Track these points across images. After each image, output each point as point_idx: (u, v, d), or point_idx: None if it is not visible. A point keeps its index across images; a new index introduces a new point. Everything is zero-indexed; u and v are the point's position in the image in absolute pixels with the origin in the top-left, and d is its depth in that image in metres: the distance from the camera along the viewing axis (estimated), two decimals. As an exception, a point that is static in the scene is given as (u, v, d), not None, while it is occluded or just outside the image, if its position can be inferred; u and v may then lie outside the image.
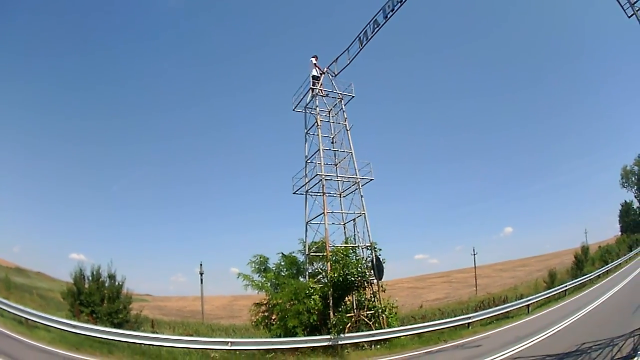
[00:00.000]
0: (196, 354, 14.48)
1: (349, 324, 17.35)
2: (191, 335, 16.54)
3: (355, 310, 18.37)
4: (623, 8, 13.71)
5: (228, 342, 14.96)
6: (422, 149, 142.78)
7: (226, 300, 51.73)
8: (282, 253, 21.26)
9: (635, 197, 67.20)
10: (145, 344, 14.17)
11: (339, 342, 16.21)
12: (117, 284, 20.31)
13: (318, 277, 19.57)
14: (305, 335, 16.60)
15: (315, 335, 16.65)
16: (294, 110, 22.80)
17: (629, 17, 13.62)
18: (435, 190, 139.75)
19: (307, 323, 17.16)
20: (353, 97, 22.28)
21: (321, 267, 20.16)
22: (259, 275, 20.60)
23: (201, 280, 39.40)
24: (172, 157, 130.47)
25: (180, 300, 53.01)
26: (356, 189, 20.77)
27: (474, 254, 54.71)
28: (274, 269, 20.89)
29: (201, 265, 39.60)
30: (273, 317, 18.74)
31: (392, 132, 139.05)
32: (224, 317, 38.06)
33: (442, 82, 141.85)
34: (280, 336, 16.81)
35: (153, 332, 16.93)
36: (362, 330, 17.39)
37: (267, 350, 15.31)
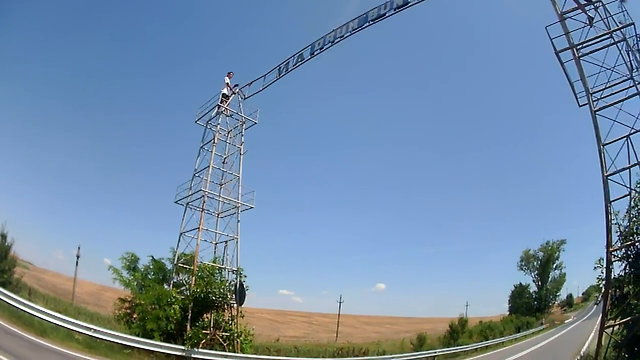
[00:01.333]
0: (63, 331, 15.74)
1: (204, 340, 18.19)
2: (60, 313, 17.01)
3: (211, 329, 19.05)
4: (576, 97, 15.23)
5: (92, 328, 16.10)
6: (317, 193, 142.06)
7: (95, 288, 48.23)
8: (153, 257, 22.10)
9: (533, 281, 68.76)
10: (22, 310, 15.30)
11: (192, 355, 17.23)
12: (6, 244, 20.80)
13: (182, 289, 20.32)
14: (161, 341, 17.32)
15: (171, 343, 17.42)
16: (196, 122, 23.71)
17: (580, 106, 15.07)
18: (317, 234, 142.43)
19: (164, 329, 17.83)
20: (255, 123, 23.62)
21: (186, 279, 20.79)
22: (127, 273, 21.46)
23: (76, 263, 40.25)
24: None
25: (56, 276, 50.03)
26: (234, 213, 22.10)
27: (340, 302, 56.63)
28: (142, 270, 21.77)
29: (79, 248, 40.20)
30: (134, 316, 19.32)
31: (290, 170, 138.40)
32: (90, 303, 37.03)
33: (341, 132, 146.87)
34: (138, 335, 17.23)
35: (29, 300, 17.40)
36: (216, 350, 18.31)
37: (126, 346, 16.28)
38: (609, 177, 13.10)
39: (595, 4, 14.77)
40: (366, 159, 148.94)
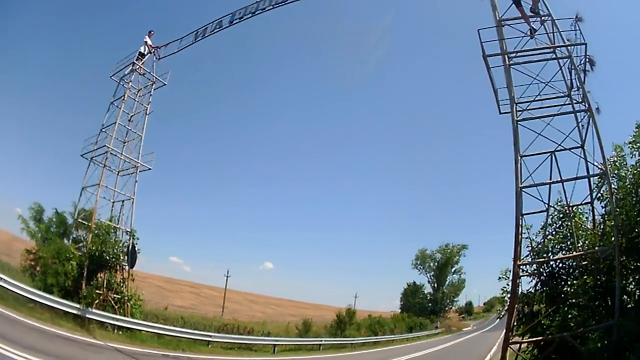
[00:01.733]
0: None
1: (97, 301, 18.21)
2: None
3: (104, 290, 19.06)
4: (499, 104, 15.04)
5: (2, 278, 15.61)
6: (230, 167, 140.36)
7: (7, 237, 50.14)
8: (56, 209, 21.71)
9: (429, 282, 67.65)
10: None
11: (87, 315, 16.98)
12: None
13: (79, 245, 20.22)
14: (60, 297, 17.12)
15: (68, 300, 17.19)
16: (110, 77, 23.33)
17: (501, 113, 14.99)
18: (211, 204, 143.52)
19: (62, 285, 17.86)
20: (165, 84, 23.33)
21: (84, 235, 20.75)
22: (34, 224, 20.98)
23: (-11, 208, 36.17)
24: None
25: (-37, 224, 49.38)
26: (134, 172, 22.07)
27: (227, 276, 55.12)
28: (46, 222, 21.31)
29: (-7, 194, 36.12)
30: (37, 269, 19.16)
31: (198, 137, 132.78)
32: (1, 253, 37.92)
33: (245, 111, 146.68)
34: (40, 289, 16.95)
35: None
36: (109, 312, 18.17)
37: (30, 300, 15.98)
38: (523, 189, 12.67)
39: (542, 17, 14.57)
40: (267, 137, 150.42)
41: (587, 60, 13.73)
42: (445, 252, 64.72)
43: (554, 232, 14.07)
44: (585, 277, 11.99)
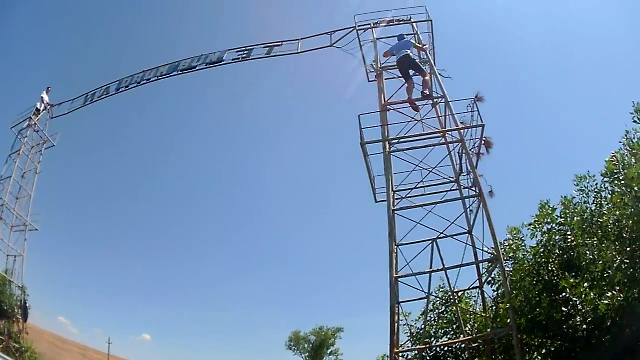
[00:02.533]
0: None
1: (1, 346, 18.54)
2: None
3: (6, 336, 19.44)
4: (374, 192, 14.70)
5: None
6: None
7: None
8: None
9: None
10: None
11: None
12: None
13: None
14: None
15: None
16: (11, 128, 23.29)
17: (377, 202, 14.64)
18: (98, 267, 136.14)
19: None
20: (54, 145, 23.67)
21: None
22: None
23: None
24: None
25: None
26: (23, 230, 22.02)
27: (109, 343, 55.66)
28: None
29: None
30: None
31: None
32: None
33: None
34: None
35: None
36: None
37: None
38: (398, 279, 12.24)
39: (435, 100, 14.61)
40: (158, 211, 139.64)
41: (483, 142, 13.55)
42: (319, 334, 63.85)
43: (436, 318, 13.95)
44: (476, 359, 12.06)
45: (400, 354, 12.46)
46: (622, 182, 9.11)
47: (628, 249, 9.12)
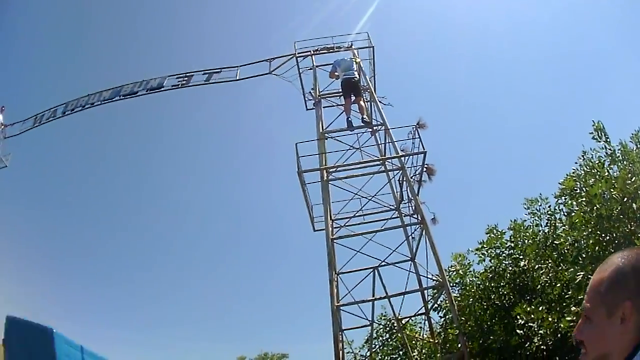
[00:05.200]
0: None
1: None
2: None
3: None
4: (313, 221, 14.74)
5: None
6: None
7: None
8: None
9: None
10: None
11: None
12: None
13: None
14: None
15: None
16: None
17: (315, 230, 14.68)
18: None
19: None
20: (6, 166, 22.90)
21: None
22: None
23: None
24: None
25: None
26: None
27: None
28: None
29: None
30: None
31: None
32: None
33: None
34: None
35: None
36: None
37: None
38: (340, 307, 12.39)
39: (375, 127, 14.96)
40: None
41: (426, 169, 13.84)
42: None
43: (381, 345, 14.14)
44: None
45: None
46: (584, 199, 9.22)
47: (589, 268, 9.15)
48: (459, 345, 11.42)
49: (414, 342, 13.60)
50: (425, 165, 13.67)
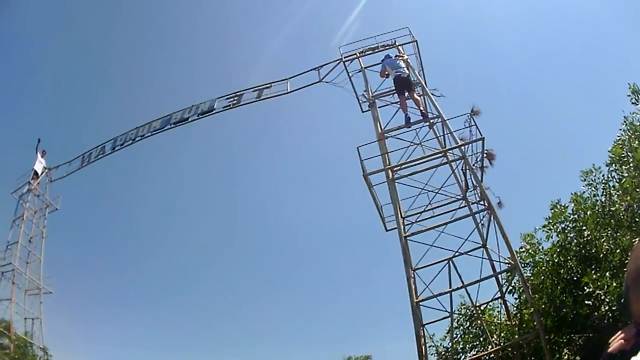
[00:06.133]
0: None
1: None
2: None
3: None
4: (384, 221, 15.34)
5: None
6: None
7: None
8: None
9: None
10: None
11: None
12: None
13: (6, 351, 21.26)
14: None
15: None
16: (11, 194, 24.38)
17: (387, 230, 15.30)
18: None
19: None
20: (57, 209, 24.86)
21: (7, 344, 21.66)
22: None
23: None
24: None
25: None
26: (37, 294, 23.43)
27: None
28: None
29: None
30: None
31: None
32: None
33: None
34: None
35: None
36: None
37: None
38: (420, 303, 13.01)
39: (432, 121, 15.48)
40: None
41: (485, 155, 14.42)
42: None
43: (462, 334, 14.63)
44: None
45: None
46: (632, 165, 9.79)
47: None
48: (535, 324, 11.98)
49: (493, 327, 14.10)
50: (485, 151, 14.22)
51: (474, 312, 14.15)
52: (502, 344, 13.28)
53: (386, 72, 15.88)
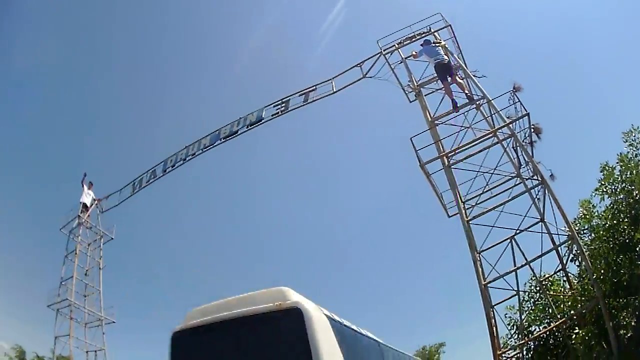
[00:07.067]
0: None
1: None
2: None
3: None
4: (445, 208, 16.47)
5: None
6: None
7: None
8: (37, 354, 26.19)
9: None
10: None
11: None
12: None
13: None
14: None
15: None
16: (60, 229, 25.27)
17: (450, 216, 16.40)
18: None
19: None
20: (112, 238, 25.97)
21: None
22: None
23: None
24: None
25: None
26: (99, 325, 24.51)
27: None
28: None
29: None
30: None
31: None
32: None
33: None
34: None
35: None
36: None
37: None
38: (487, 286, 13.79)
39: (478, 103, 16.22)
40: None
41: (533, 130, 15.28)
42: (423, 355, 65.10)
43: (531, 309, 15.51)
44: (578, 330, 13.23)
45: (503, 355, 14.11)
46: None
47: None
48: (595, 291, 12.78)
49: (557, 299, 14.90)
50: (532, 126, 15.07)
51: (539, 287, 15.07)
52: (567, 315, 14.11)
53: (415, 52, 16.82)
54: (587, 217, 14.47)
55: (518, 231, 14.42)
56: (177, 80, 71.28)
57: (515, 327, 15.22)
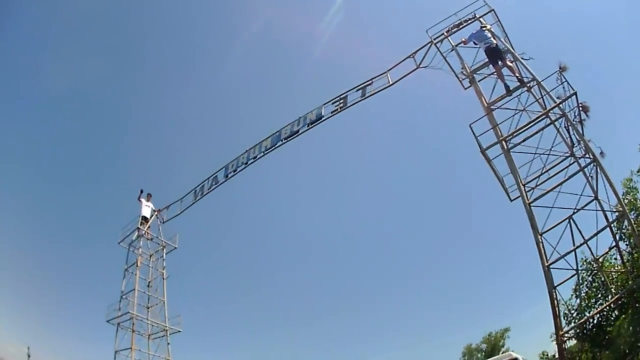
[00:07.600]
0: None
1: None
2: None
3: None
4: (507, 192, 16.85)
5: None
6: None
7: None
8: None
9: None
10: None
11: None
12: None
13: None
14: None
15: None
16: (119, 243, 26.13)
17: (512, 200, 16.69)
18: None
19: None
20: (175, 248, 26.48)
21: None
22: None
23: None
24: None
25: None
26: (163, 335, 24.82)
27: None
28: None
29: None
30: None
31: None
32: None
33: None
34: None
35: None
36: None
37: None
38: (550, 267, 14.26)
39: (529, 85, 16.78)
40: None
41: (581, 108, 15.90)
42: (489, 341, 66.08)
43: (587, 290, 16.26)
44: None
45: (565, 336, 14.68)
46: None
47: None
48: None
49: (610, 277, 15.51)
50: (580, 104, 15.63)
51: (595, 264, 15.64)
52: (619, 292, 14.67)
53: (464, 39, 17.74)
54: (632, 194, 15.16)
55: (575, 210, 14.89)
56: (237, 85, 73.09)
57: (572, 310, 15.87)
